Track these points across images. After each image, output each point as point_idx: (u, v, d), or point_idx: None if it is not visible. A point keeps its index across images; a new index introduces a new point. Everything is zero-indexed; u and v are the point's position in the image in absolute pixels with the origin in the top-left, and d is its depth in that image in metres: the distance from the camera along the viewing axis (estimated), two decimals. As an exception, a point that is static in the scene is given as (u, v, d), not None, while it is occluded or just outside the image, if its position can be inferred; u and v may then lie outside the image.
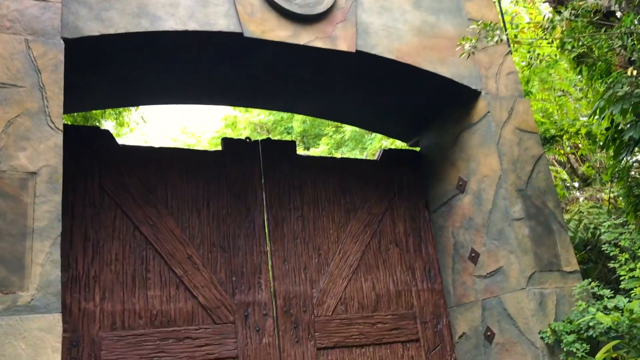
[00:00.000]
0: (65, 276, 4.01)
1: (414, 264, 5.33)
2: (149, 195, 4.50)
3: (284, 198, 5.03)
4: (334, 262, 5.01)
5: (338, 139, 12.83)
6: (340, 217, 5.20)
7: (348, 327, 4.85)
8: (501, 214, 4.82)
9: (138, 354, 4.06)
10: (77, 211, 4.24)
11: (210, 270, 4.49)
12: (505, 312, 4.68)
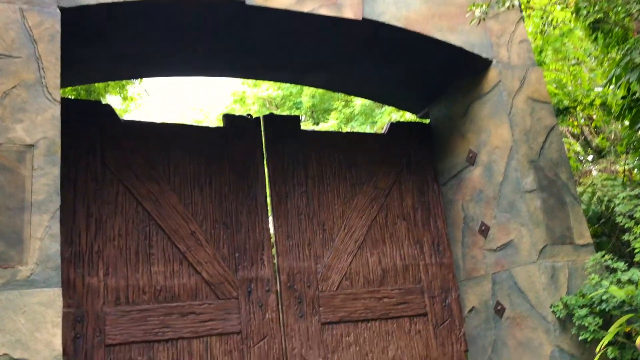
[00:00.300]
0: (68, 251, 4.00)
1: (422, 238, 5.26)
2: (151, 171, 4.46)
3: (287, 174, 4.98)
4: (339, 237, 4.98)
5: (347, 114, 12.69)
6: (346, 192, 5.14)
7: (353, 302, 4.82)
8: (512, 186, 4.71)
9: (142, 329, 4.05)
10: (80, 186, 4.20)
11: (214, 247, 4.47)
12: (516, 286, 4.60)
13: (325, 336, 4.67)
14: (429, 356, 4.93)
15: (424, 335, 4.98)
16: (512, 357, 4.61)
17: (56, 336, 2.94)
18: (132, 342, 4.01)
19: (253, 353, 4.35)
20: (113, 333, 3.97)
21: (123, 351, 3.98)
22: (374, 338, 4.82)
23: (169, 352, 4.11)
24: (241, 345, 4.34)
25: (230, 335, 4.33)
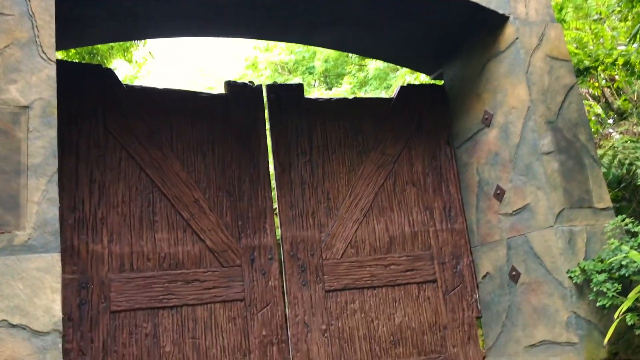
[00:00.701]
0: (71, 217, 3.96)
1: (433, 204, 5.15)
2: (154, 137, 4.40)
3: (291, 143, 4.92)
4: (344, 205, 4.92)
5: (361, 78, 12.46)
6: (352, 159, 5.06)
7: (358, 270, 4.80)
8: (529, 147, 4.54)
9: (147, 296, 4.05)
10: (82, 152, 4.13)
11: (217, 214, 4.45)
12: (532, 251, 4.47)
13: (329, 303, 4.68)
14: (438, 323, 4.89)
15: (433, 301, 4.94)
16: (527, 323, 4.51)
17: (55, 302, 2.89)
18: (137, 309, 4.00)
19: (257, 320, 4.36)
20: (118, 300, 3.96)
21: (128, 317, 3.97)
22: (380, 305, 4.82)
23: (174, 318, 4.11)
24: (245, 312, 4.35)
25: (234, 303, 4.34)
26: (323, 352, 4.56)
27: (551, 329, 4.30)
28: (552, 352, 4.29)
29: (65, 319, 3.74)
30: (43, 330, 2.83)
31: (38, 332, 2.82)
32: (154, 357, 4.00)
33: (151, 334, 4.02)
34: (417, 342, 4.81)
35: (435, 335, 4.87)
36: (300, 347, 4.52)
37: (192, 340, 4.14)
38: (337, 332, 4.66)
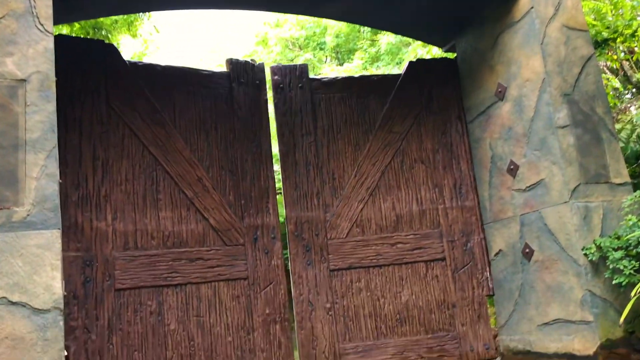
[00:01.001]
0: (75, 195, 3.94)
1: (442, 181, 5.07)
2: (156, 114, 4.36)
3: (295, 124, 4.93)
4: (349, 185, 4.92)
5: (373, 54, 12.25)
6: (358, 138, 5.05)
7: (364, 249, 4.82)
8: (544, 121, 4.41)
9: (152, 274, 4.05)
10: (85, 128, 4.10)
11: (220, 193, 4.45)
12: (546, 228, 4.37)
13: (334, 282, 4.72)
14: (447, 301, 4.87)
15: (442, 280, 4.89)
16: (540, 301, 4.43)
17: (56, 279, 2.85)
18: (141, 287, 4.00)
19: (260, 298, 4.40)
20: (123, 277, 3.95)
21: (133, 295, 3.98)
22: (386, 283, 4.82)
23: (178, 296, 4.14)
24: (248, 290, 4.39)
25: (238, 281, 4.37)
26: (327, 330, 4.60)
27: (565, 307, 4.21)
28: (566, 330, 4.21)
29: (70, 296, 3.74)
30: (43, 307, 2.79)
31: (38, 310, 2.78)
32: (159, 335, 4.01)
33: (156, 312, 4.03)
34: (424, 320, 4.81)
35: (443, 314, 4.84)
36: (304, 325, 4.57)
37: (196, 318, 4.17)
38: (342, 310, 4.69)
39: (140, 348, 3.93)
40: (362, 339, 4.69)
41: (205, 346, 4.15)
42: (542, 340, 4.42)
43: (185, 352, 4.07)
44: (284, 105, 4.94)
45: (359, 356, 4.63)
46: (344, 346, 4.62)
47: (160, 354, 3.98)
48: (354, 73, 10.80)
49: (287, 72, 5.03)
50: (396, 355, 4.69)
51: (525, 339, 4.59)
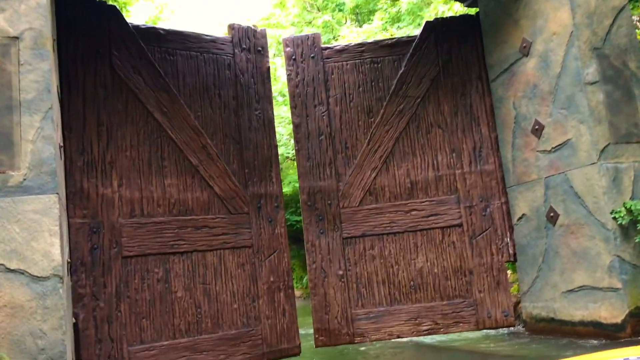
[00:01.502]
0: (80, 160, 3.86)
1: (460, 145, 4.90)
2: (160, 79, 4.28)
3: (308, 95, 4.94)
4: (362, 153, 4.89)
5: (393, 14, 11.91)
6: (371, 106, 4.98)
7: (377, 217, 4.81)
8: (571, 77, 4.17)
9: (158, 242, 4.03)
10: (89, 92, 3.98)
11: (224, 161, 4.43)
12: (572, 190, 4.17)
13: (347, 250, 4.78)
14: (464, 268, 4.76)
15: (458, 246, 4.79)
16: (565, 267, 4.26)
17: (54, 246, 2.77)
18: (148, 254, 3.97)
19: (264, 266, 4.45)
20: (130, 245, 3.91)
21: (140, 263, 3.94)
22: (400, 251, 4.80)
23: (185, 264, 4.14)
24: (253, 258, 4.43)
25: (243, 249, 4.40)
26: (339, 296, 4.69)
27: (592, 274, 4.04)
28: (592, 297, 4.05)
29: (78, 264, 3.69)
30: (42, 275, 2.73)
31: (37, 277, 2.72)
32: (166, 302, 4.00)
33: (163, 280, 4.02)
34: (439, 287, 4.75)
35: (460, 281, 4.75)
36: (317, 291, 4.69)
37: (202, 285, 4.18)
38: (355, 277, 4.75)
39: (148, 315, 3.92)
40: (374, 305, 4.73)
41: (212, 313, 4.18)
42: (566, 307, 4.27)
43: (192, 320, 4.08)
44: (297, 76, 4.97)
45: (371, 321, 4.69)
46: (356, 312, 4.70)
47: (167, 321, 3.98)
48: (373, 34, 10.53)
49: (300, 43, 5.02)
50: (410, 321, 4.69)
51: (549, 306, 4.44)
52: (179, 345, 3.96)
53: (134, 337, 3.82)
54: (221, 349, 4.13)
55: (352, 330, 4.68)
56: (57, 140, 3.12)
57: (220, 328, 4.19)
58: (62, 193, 3.36)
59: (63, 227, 3.04)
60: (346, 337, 4.68)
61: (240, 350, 4.21)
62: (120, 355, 3.72)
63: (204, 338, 4.08)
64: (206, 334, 4.11)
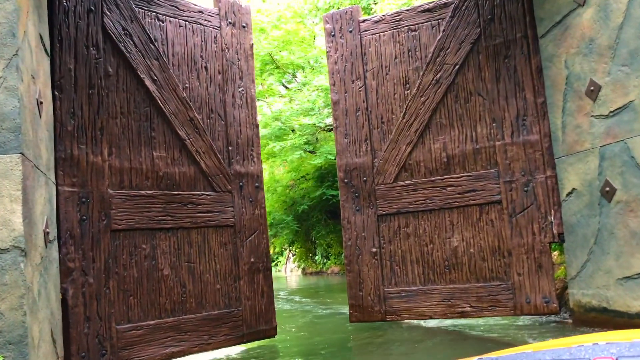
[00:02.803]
0: (71, 124, 3.64)
1: (502, 113, 4.59)
2: (151, 45, 4.18)
3: (346, 71, 5.03)
4: (397, 128, 4.86)
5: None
6: (408, 77, 4.91)
7: (412, 193, 4.79)
8: (636, 28, 3.60)
9: (146, 216, 3.92)
10: (80, 51, 3.76)
11: (210, 137, 4.42)
12: (633, 162, 3.63)
13: (381, 228, 4.86)
14: (502, 248, 4.50)
15: (497, 225, 4.54)
16: (622, 250, 3.74)
17: (15, 213, 2.47)
18: (136, 229, 3.85)
19: (245, 247, 4.49)
20: (119, 218, 3.75)
21: (128, 237, 3.81)
22: (435, 229, 4.74)
23: (170, 241, 4.08)
24: (235, 238, 4.45)
25: (225, 228, 4.42)
26: (373, 274, 4.81)
27: (654, 259, 3.53)
28: (653, 286, 3.54)
29: (67, 236, 3.49)
30: (0, 247, 2.39)
31: (-6, 249, 2.39)
32: (153, 280, 3.92)
33: (150, 256, 3.93)
34: (475, 268, 4.60)
35: (497, 262, 4.52)
36: (352, 267, 4.88)
37: (187, 264, 4.13)
38: (389, 255, 4.84)
39: (135, 293, 3.82)
40: (407, 284, 4.76)
41: (196, 293, 4.18)
42: (622, 297, 3.76)
43: (177, 299, 4.05)
44: (335, 53, 5.06)
45: (403, 300, 4.73)
46: (388, 290, 4.78)
47: (154, 299, 3.91)
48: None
49: (338, 18, 5.13)
50: (443, 303, 4.63)
51: (600, 294, 3.94)
52: (165, 325, 3.90)
53: (122, 315, 3.69)
54: (204, 330, 4.10)
55: (384, 308, 4.77)
56: (33, 94, 2.81)
57: (204, 308, 4.17)
58: (45, 156, 3.10)
59: (34, 194, 2.73)
60: (378, 315, 4.79)
61: (222, 332, 4.22)
62: (108, 334, 3.57)
63: (188, 318, 4.05)
64: (190, 314, 4.08)
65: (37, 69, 3.00)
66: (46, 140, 3.15)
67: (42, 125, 3.05)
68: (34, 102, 2.86)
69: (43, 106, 3.07)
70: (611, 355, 1.17)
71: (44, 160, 3.06)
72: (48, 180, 3.14)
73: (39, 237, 2.77)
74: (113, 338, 3.55)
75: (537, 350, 1.38)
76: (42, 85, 3.12)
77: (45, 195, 3.03)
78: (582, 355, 1.22)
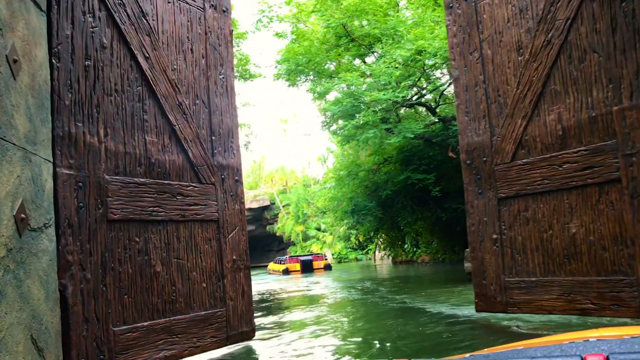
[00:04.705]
0: (68, 98, 3.35)
1: (620, 71, 3.99)
2: (144, 20, 4.05)
3: (464, 43, 4.96)
4: (512, 100, 4.59)
5: None
6: (520, 41, 4.60)
7: (529, 173, 4.47)
8: None
9: (139, 206, 3.73)
10: (77, 16, 3.51)
11: (196, 124, 4.33)
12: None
13: (501, 212, 4.68)
14: (624, 236, 3.94)
15: (617, 207, 3.98)
16: None
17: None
18: (130, 220, 3.63)
19: (228, 244, 4.41)
20: (114, 207, 3.51)
21: (123, 229, 3.58)
22: (554, 213, 4.36)
23: (161, 234, 3.90)
24: (218, 234, 4.35)
25: (210, 223, 4.31)
26: (494, 262, 4.63)
27: None
28: None
29: (65, 225, 3.20)
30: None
31: None
32: (146, 277, 3.72)
33: (143, 251, 3.72)
34: (594, 258, 4.11)
35: (619, 252, 3.97)
36: (475, 255, 4.72)
37: (176, 260, 3.97)
38: (509, 242, 4.59)
39: (129, 291, 3.55)
40: (527, 274, 4.48)
41: (185, 292, 4.00)
42: None
43: (167, 298, 3.84)
44: (454, 25, 5.00)
45: (522, 292, 4.47)
46: (508, 280, 4.56)
47: (147, 299, 3.68)
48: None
49: None
50: (562, 298, 4.26)
51: None
52: (157, 327, 3.67)
53: (118, 316, 3.41)
54: (193, 332, 3.93)
55: (505, 299, 4.57)
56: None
57: (192, 309, 4.00)
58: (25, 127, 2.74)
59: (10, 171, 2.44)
60: (500, 306, 4.62)
61: (208, 333, 4.07)
62: (106, 337, 3.27)
63: (178, 319, 3.85)
64: (180, 315, 3.89)
65: (9, 20, 2.69)
66: (29, 109, 2.84)
67: (20, 89, 2.75)
68: (4, 57, 2.55)
69: (23, 67, 2.77)
70: (602, 352, 1.17)
71: (22, 131, 2.75)
72: (30, 155, 2.81)
73: (5, 224, 2.49)
74: (110, 341, 3.26)
75: (528, 347, 1.38)
76: (23, 42, 2.82)
77: (25, 174, 2.72)
78: (573, 352, 1.22)
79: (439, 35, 12.31)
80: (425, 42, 12.36)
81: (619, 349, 1.17)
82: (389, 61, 13.47)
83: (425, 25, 13.35)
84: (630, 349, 1.17)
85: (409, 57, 12.71)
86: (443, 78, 15.54)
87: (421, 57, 12.86)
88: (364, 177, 18.89)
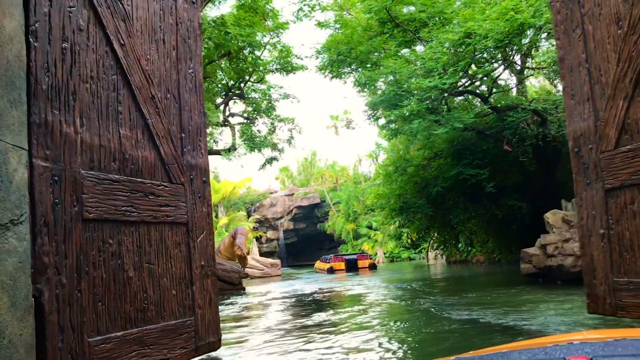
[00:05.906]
0: (45, 82, 3.12)
1: None
2: (119, 3, 3.86)
3: (567, 20, 4.68)
4: (613, 79, 4.29)
5: None
6: (619, 13, 4.28)
7: (633, 161, 4.18)
8: None
9: (113, 205, 3.51)
10: None
11: (167, 120, 4.17)
12: None
13: (609, 205, 4.37)
14: None
15: None
16: None
17: None
18: (105, 220, 3.41)
19: (196, 248, 4.25)
20: (89, 205, 3.28)
21: (97, 229, 3.36)
22: None
23: (133, 237, 3.69)
24: (187, 238, 4.19)
25: (179, 226, 4.14)
26: (602, 260, 4.39)
27: None
28: None
29: (42, 223, 2.94)
30: None
31: None
32: (119, 283, 3.49)
33: (117, 254, 3.50)
34: None
35: None
36: (585, 251, 4.52)
37: (148, 265, 3.77)
38: (617, 238, 4.31)
39: (103, 298, 3.28)
40: (636, 274, 4.16)
41: (156, 299, 3.78)
42: None
43: (139, 306, 3.60)
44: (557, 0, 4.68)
45: (631, 295, 4.18)
46: (617, 280, 4.29)
47: (120, 306, 3.43)
48: None
49: None
50: None
51: None
52: (130, 337, 3.43)
53: (92, 325, 3.15)
54: (164, 342, 3.71)
55: (614, 301, 4.31)
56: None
57: (162, 318, 3.77)
58: None
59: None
60: (609, 309, 4.38)
61: (178, 344, 3.85)
62: (81, 349, 3.01)
63: (150, 329, 3.61)
64: (151, 324, 3.65)
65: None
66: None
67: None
68: None
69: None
70: (586, 355, 1.19)
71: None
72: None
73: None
74: (85, 354, 2.99)
75: (512, 350, 1.40)
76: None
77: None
78: (557, 354, 1.25)
79: (490, 16, 11.76)
80: (475, 24, 11.83)
81: (602, 352, 1.20)
82: (436, 46, 12.98)
83: (476, 6, 12.81)
84: (613, 352, 1.19)
85: (457, 40, 12.19)
86: (496, 64, 14.94)
87: (471, 41, 12.33)
88: (413, 172, 18.42)
